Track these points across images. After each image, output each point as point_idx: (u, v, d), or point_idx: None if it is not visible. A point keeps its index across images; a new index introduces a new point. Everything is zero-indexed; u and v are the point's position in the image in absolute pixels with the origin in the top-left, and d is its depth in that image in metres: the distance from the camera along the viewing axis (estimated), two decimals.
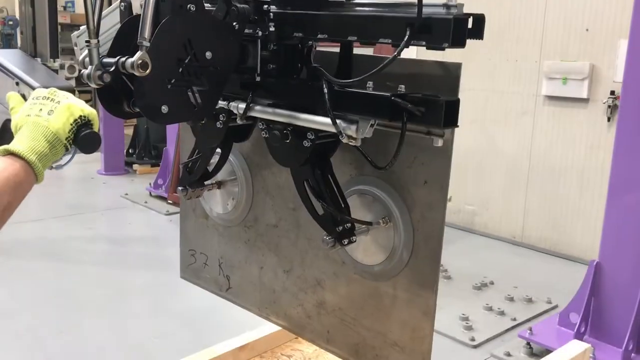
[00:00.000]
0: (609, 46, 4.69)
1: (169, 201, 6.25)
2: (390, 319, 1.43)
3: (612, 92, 4.66)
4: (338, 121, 1.19)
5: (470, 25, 1.10)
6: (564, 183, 5.07)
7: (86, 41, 1.11)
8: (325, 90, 1.21)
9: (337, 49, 1.35)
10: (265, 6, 1.28)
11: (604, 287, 3.35)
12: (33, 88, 1.01)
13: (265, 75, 1.33)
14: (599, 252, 3.40)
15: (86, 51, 1.14)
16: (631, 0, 3.20)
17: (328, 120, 1.20)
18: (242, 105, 1.35)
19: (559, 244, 5.16)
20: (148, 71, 1.08)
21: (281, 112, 1.31)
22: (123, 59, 1.09)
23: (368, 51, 2.87)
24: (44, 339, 3.55)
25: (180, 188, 1.60)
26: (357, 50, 1.35)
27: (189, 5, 1.18)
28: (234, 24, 1.22)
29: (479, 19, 1.12)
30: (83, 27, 1.22)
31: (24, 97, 1.04)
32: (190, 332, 3.66)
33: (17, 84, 1.01)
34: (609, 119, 4.72)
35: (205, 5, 1.20)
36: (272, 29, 1.28)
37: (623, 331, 3.25)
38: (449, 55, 1.18)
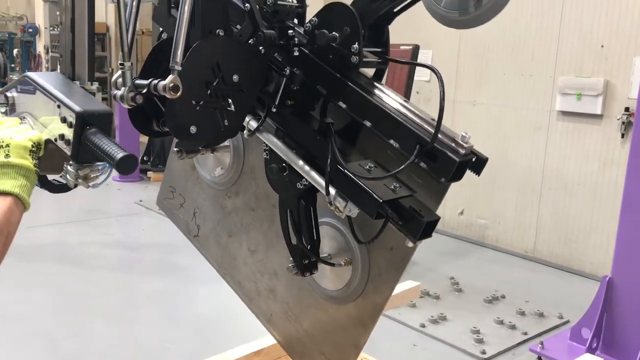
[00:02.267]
0: (624, 63, 4.71)
1: None
2: (326, 334, 1.57)
3: (627, 109, 4.67)
4: (331, 190, 1.23)
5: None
6: (577, 198, 5.08)
7: (120, 63, 1.16)
8: (329, 161, 1.24)
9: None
10: (296, 49, 1.30)
11: (616, 303, 3.36)
12: (74, 111, 1.05)
13: (282, 107, 1.34)
14: (612, 268, 3.41)
15: (119, 72, 1.19)
16: None
17: (322, 180, 1.25)
18: (254, 124, 1.36)
19: (570, 260, 5.16)
20: (179, 94, 1.12)
21: (284, 150, 1.33)
22: (155, 81, 1.14)
23: None
24: (59, 342, 3.61)
25: (175, 149, 1.56)
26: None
27: (217, 30, 1.23)
28: (260, 48, 1.27)
29: (482, 161, 1.18)
30: None
31: (65, 120, 1.09)
32: (201, 338, 3.70)
33: (58, 106, 1.06)
34: (622, 136, 4.73)
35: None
36: (298, 72, 1.29)
37: (635, 347, 3.25)
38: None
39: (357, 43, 1.22)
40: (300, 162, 1.30)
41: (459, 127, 5.63)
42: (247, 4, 1.24)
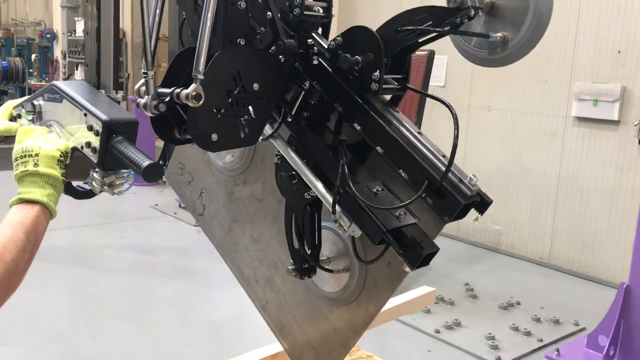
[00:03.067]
0: None
1: None
2: (317, 330, 1.62)
3: None
4: (338, 209, 1.26)
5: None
6: (593, 205, 5.04)
7: (143, 72, 1.18)
8: (337, 181, 1.26)
9: None
10: (315, 60, 1.31)
11: (634, 310, 3.33)
12: (101, 120, 1.08)
13: (297, 118, 1.36)
14: (629, 275, 3.38)
15: (142, 81, 1.21)
16: None
17: (329, 196, 1.28)
18: (268, 130, 1.38)
19: (586, 266, 5.13)
20: (201, 102, 1.15)
21: (296, 161, 1.35)
22: (178, 90, 1.16)
23: None
24: (76, 344, 3.65)
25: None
26: None
27: (238, 40, 1.25)
28: (280, 57, 1.28)
29: (487, 203, 1.20)
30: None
31: (91, 128, 1.12)
32: (216, 341, 3.72)
33: (85, 115, 1.08)
34: (639, 142, 4.70)
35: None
36: (317, 87, 1.30)
37: None
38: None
39: (378, 71, 1.22)
40: (311, 176, 1.33)
41: (473, 132, 5.66)
42: (268, 12, 1.25)
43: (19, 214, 1.07)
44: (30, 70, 13.66)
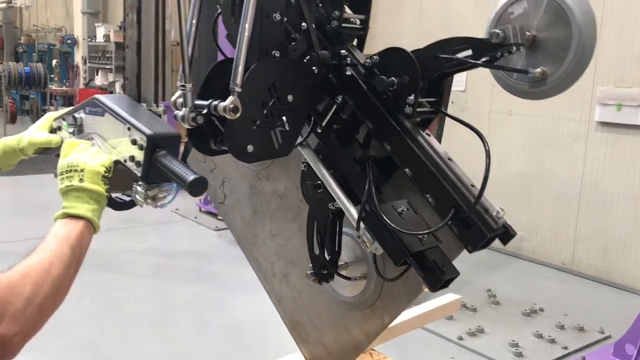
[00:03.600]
0: None
1: (218, 217, 6.39)
2: (330, 330, 1.65)
3: None
4: (362, 225, 1.28)
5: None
6: (617, 210, 4.98)
7: (181, 85, 1.20)
8: (363, 199, 1.27)
9: None
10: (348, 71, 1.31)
11: None
12: (145, 134, 1.09)
13: (328, 129, 1.37)
14: None
15: (179, 93, 1.22)
16: None
17: (354, 212, 1.30)
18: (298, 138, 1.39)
19: (610, 272, 5.06)
20: (238, 114, 1.16)
21: (323, 172, 1.36)
22: (215, 102, 1.17)
23: None
24: (98, 347, 3.70)
25: None
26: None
27: (273, 52, 1.26)
28: (314, 68, 1.29)
29: (510, 235, 1.22)
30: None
31: (135, 142, 1.13)
32: (237, 346, 3.73)
33: (128, 129, 1.09)
34: None
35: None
36: (350, 102, 1.31)
37: None
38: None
39: (414, 95, 1.22)
40: (337, 189, 1.34)
41: (494, 136, 5.63)
42: (304, 23, 1.26)
43: (64, 228, 1.09)
44: (52, 76, 13.85)
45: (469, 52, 1.19)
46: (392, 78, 1.24)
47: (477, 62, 1.19)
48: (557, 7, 1.17)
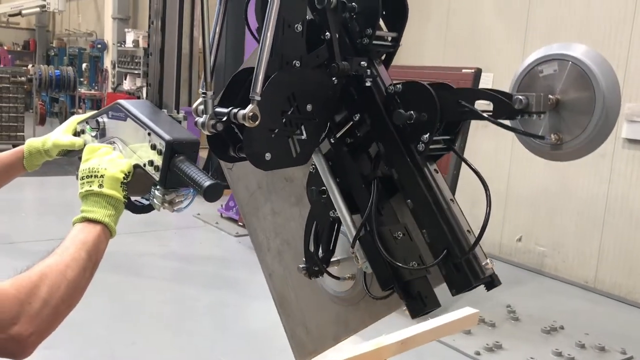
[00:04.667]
0: None
1: (239, 223, 6.43)
2: (314, 315, 1.71)
3: None
4: (357, 243, 1.30)
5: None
6: None
7: (202, 93, 1.21)
8: (363, 219, 1.29)
9: None
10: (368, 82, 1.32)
11: None
12: (164, 140, 1.12)
13: (340, 141, 1.37)
14: None
15: (200, 99, 1.24)
16: None
17: (353, 228, 1.32)
18: None
19: (634, 292, 4.97)
20: (257, 122, 1.17)
21: (329, 181, 1.36)
22: (235, 110, 1.19)
23: None
24: (115, 349, 3.73)
25: None
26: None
27: (294, 62, 1.27)
28: (334, 79, 1.30)
29: (493, 283, 1.22)
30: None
31: (154, 147, 1.16)
32: (255, 352, 3.74)
33: (149, 134, 1.12)
34: None
35: None
36: (367, 120, 1.31)
37: None
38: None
39: (429, 134, 1.23)
40: (340, 201, 1.35)
41: (519, 151, 5.52)
42: (327, 33, 1.27)
43: (82, 232, 1.11)
44: (81, 79, 14.11)
45: (490, 107, 1.20)
46: (411, 112, 1.24)
47: (497, 122, 1.20)
48: (581, 72, 1.16)
